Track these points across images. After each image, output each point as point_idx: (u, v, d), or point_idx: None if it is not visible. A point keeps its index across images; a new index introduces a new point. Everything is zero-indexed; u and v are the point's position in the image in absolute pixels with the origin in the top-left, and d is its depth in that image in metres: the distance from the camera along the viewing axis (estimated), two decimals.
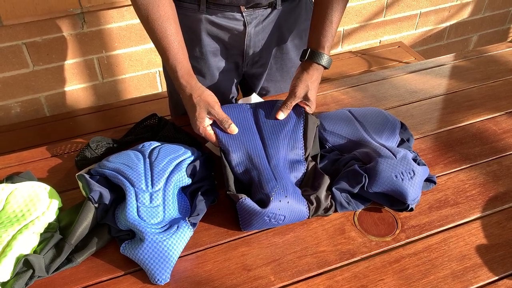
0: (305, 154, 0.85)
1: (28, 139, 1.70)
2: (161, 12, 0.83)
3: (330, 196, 0.81)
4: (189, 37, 0.96)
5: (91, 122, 1.80)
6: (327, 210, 0.80)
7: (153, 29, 0.84)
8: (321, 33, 0.91)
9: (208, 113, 0.85)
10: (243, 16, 0.94)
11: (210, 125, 0.87)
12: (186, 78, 0.86)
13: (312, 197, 0.78)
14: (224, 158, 0.82)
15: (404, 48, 2.22)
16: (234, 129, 0.85)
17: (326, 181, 0.81)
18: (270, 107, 0.92)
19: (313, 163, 0.85)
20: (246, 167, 0.81)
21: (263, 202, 0.76)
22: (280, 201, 0.75)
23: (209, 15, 0.94)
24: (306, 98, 0.90)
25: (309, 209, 0.78)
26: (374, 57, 2.15)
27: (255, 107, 0.93)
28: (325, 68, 0.92)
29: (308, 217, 0.79)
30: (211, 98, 0.86)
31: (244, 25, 0.96)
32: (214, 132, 0.86)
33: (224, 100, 1.10)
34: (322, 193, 0.79)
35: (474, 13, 2.43)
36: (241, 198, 0.75)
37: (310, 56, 0.91)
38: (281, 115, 0.89)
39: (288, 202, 0.75)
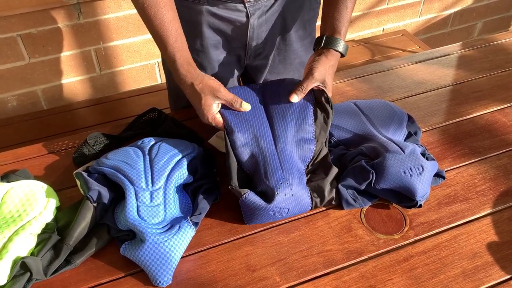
0: (315, 132, 0.81)
1: (26, 133, 1.67)
2: None
3: (334, 188, 0.79)
4: (190, 29, 0.92)
5: (89, 115, 1.77)
6: (330, 202, 0.78)
7: (149, 17, 0.80)
8: (336, 19, 0.86)
9: (215, 98, 0.80)
10: (245, 7, 0.90)
11: (219, 111, 0.82)
12: (186, 67, 0.82)
13: (317, 189, 0.77)
14: (229, 144, 0.79)
15: (408, 36, 2.18)
16: (246, 106, 0.81)
17: (333, 172, 0.79)
18: (278, 84, 0.88)
19: (326, 151, 0.82)
20: (252, 151, 0.78)
21: (267, 196, 0.74)
22: (285, 194, 0.73)
23: (210, 6, 0.90)
24: (323, 82, 0.84)
25: (312, 201, 0.77)
26: (377, 45, 2.10)
27: (262, 85, 0.89)
28: (342, 55, 0.87)
29: (311, 209, 0.78)
30: (214, 82, 0.82)
31: (247, 16, 0.92)
32: (221, 115, 0.81)
33: None
34: (327, 185, 0.77)
35: (478, 0, 2.38)
36: (244, 194, 0.73)
37: (326, 43, 0.85)
38: (295, 98, 0.83)
39: (292, 195, 0.74)
